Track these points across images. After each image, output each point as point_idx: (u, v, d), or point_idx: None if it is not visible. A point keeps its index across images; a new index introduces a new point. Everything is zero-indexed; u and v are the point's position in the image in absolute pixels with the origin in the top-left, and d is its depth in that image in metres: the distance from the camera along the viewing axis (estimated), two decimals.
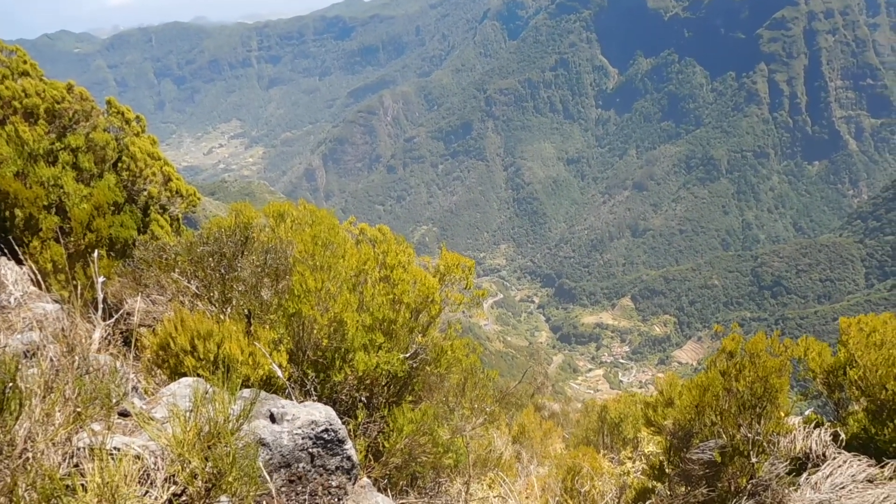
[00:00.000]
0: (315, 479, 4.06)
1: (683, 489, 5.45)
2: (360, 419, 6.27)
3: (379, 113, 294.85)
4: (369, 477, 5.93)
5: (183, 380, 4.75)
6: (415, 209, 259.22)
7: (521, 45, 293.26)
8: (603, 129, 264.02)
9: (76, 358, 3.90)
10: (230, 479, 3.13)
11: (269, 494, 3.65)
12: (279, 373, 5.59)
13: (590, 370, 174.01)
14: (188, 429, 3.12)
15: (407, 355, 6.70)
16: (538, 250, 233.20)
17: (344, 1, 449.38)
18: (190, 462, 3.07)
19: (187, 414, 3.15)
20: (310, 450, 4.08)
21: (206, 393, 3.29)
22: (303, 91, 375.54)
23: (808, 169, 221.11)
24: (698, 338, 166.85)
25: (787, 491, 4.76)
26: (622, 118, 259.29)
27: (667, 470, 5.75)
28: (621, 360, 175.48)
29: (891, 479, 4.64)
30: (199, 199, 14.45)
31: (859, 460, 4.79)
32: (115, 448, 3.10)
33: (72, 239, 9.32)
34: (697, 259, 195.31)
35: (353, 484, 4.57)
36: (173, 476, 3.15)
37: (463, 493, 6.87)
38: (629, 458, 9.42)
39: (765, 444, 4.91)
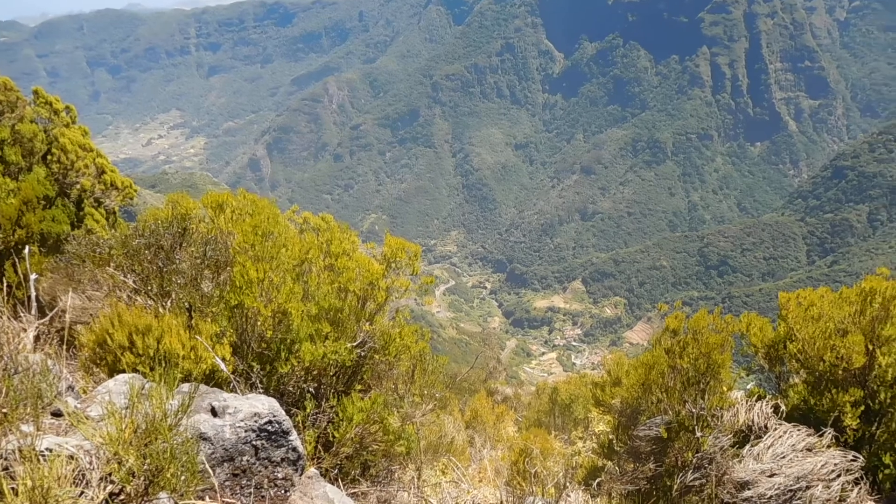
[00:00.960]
0: (260, 471, 4.02)
1: (632, 466, 5.51)
2: (308, 410, 6.15)
3: (324, 100, 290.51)
4: (320, 467, 5.83)
5: (119, 376, 4.58)
6: (363, 197, 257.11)
7: (466, 31, 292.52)
8: (550, 113, 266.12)
9: (4, 358, 3.91)
10: (168, 476, 3.08)
11: (212, 489, 3.57)
12: (222, 366, 5.43)
13: (543, 354, 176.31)
14: (124, 426, 3.06)
15: (354, 344, 6.59)
16: (489, 236, 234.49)
17: None
18: (127, 460, 3.02)
19: (123, 411, 3.09)
20: (253, 442, 4.02)
21: (143, 389, 3.23)
22: (244, 79, 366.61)
23: (751, 150, 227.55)
24: (648, 318, 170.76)
25: (731, 463, 4.86)
26: (569, 102, 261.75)
27: (616, 448, 5.82)
28: (574, 343, 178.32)
29: (828, 447, 4.78)
30: (135, 191, 13.96)
31: (799, 430, 4.92)
32: (46, 449, 3.03)
33: (0, 235, 8.86)
34: (646, 241, 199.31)
35: (300, 475, 4.48)
36: (109, 475, 3.08)
37: (415, 480, 6.84)
38: (580, 438, 9.54)
39: (709, 418, 5.00)
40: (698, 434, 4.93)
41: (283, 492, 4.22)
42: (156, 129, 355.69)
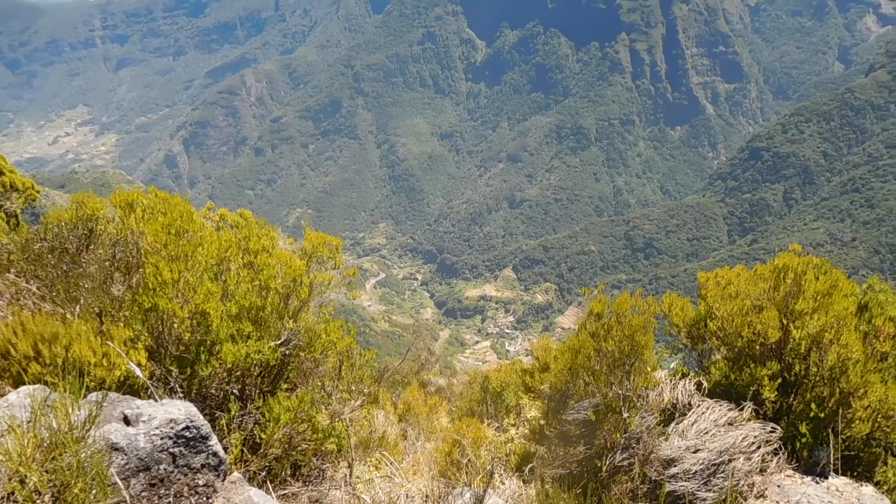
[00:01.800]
0: (179, 479, 3.90)
1: (563, 450, 5.56)
2: (233, 413, 5.92)
3: (241, 93, 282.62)
4: (248, 470, 5.63)
5: (21, 388, 4.52)
6: (287, 192, 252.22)
7: (386, 20, 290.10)
8: (474, 102, 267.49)
9: None
10: (77, 491, 2.92)
11: (125, 501, 3.43)
12: (137, 372, 5.15)
13: (477, 342, 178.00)
14: (26, 441, 2.90)
15: (279, 342, 6.40)
16: (418, 227, 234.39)
17: None
18: (30, 477, 2.85)
19: (25, 425, 2.93)
20: (171, 450, 3.91)
21: (48, 400, 3.07)
22: (156, 72, 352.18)
23: (671, 134, 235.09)
24: (579, 303, 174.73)
25: (657, 441, 4.96)
26: (493, 91, 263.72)
27: (546, 433, 5.85)
28: (507, 331, 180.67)
29: (749, 420, 4.94)
30: (37, 191, 13.13)
31: (720, 406, 5.06)
32: None
33: None
34: (574, 226, 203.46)
35: (223, 480, 4.33)
36: (12, 494, 2.90)
37: (347, 477, 6.72)
38: (512, 425, 9.62)
39: (635, 399, 5.08)
40: (625, 415, 5.00)
41: (204, 499, 4.08)
42: (62, 126, 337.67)
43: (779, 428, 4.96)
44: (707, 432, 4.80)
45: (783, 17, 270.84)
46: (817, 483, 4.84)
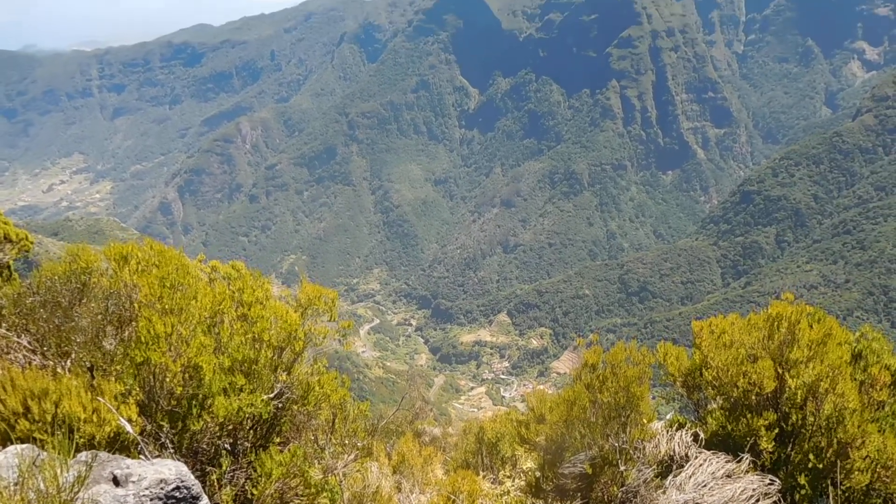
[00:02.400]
0: None
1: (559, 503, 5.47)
2: (224, 468, 5.83)
3: (237, 141, 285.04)
4: None
5: (9, 448, 4.49)
6: (281, 238, 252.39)
7: (380, 68, 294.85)
8: (468, 148, 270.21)
9: None
10: None
11: None
12: (128, 427, 5.07)
13: (472, 389, 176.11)
14: None
15: (271, 396, 6.33)
16: (412, 272, 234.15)
17: (192, 27, 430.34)
18: None
19: (12, 487, 2.80)
20: None
21: (37, 461, 2.96)
22: (152, 120, 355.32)
23: (663, 178, 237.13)
24: (574, 347, 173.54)
25: (654, 494, 4.89)
26: (486, 137, 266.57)
27: (543, 486, 5.77)
28: (502, 376, 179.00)
29: (747, 472, 4.88)
30: (31, 242, 13.10)
31: (718, 458, 5.01)
32: None
33: None
34: (568, 270, 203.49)
35: None
36: None
37: None
38: (508, 477, 9.46)
39: (631, 451, 5.03)
40: (622, 468, 4.94)
41: None
42: (57, 174, 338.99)
43: (777, 479, 4.91)
44: (705, 485, 4.74)
45: (770, 63, 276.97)
46: None
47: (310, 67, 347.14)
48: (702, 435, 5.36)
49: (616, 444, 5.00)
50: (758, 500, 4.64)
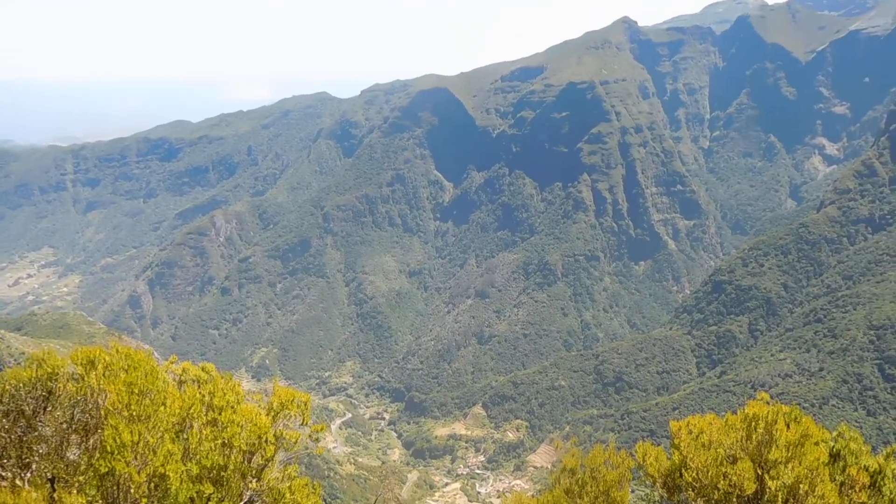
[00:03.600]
0: None
1: None
2: None
3: (210, 234, 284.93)
4: None
5: None
6: (253, 331, 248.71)
7: (356, 163, 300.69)
8: (442, 240, 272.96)
9: None
10: None
11: None
12: None
13: (447, 484, 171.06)
14: None
15: None
16: (385, 364, 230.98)
17: (169, 123, 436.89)
18: None
19: None
20: None
21: None
22: (125, 214, 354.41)
23: (636, 269, 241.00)
24: (551, 440, 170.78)
25: None
26: (460, 229, 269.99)
27: None
28: (477, 471, 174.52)
29: None
30: None
31: None
32: None
33: None
34: (543, 361, 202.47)
35: None
36: None
37: None
38: None
39: None
40: None
41: None
42: (25, 267, 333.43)
43: None
44: None
45: (735, 158, 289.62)
46: None
47: (286, 162, 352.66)
48: None
49: None
50: None
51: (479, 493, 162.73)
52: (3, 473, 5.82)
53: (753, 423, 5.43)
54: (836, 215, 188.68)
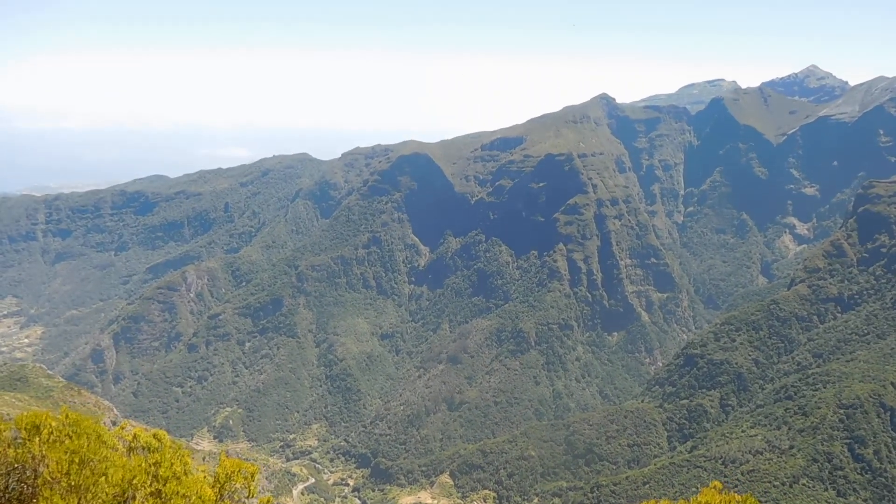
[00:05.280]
0: None
1: None
2: None
3: (181, 289, 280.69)
4: None
5: None
6: (218, 390, 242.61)
7: (333, 224, 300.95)
8: (416, 304, 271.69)
9: None
10: None
11: None
12: None
13: None
14: None
15: None
16: (353, 428, 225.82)
17: (147, 177, 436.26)
18: None
19: None
20: None
21: None
22: (95, 266, 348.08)
23: (609, 339, 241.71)
24: None
25: None
26: (434, 293, 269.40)
27: None
28: None
29: None
30: None
31: None
32: None
33: None
34: (513, 430, 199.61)
35: None
36: None
37: None
38: None
39: None
40: None
41: None
42: None
43: None
44: None
45: (708, 233, 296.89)
46: None
47: (263, 220, 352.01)
48: None
49: None
50: None
51: None
52: None
53: None
54: (806, 293, 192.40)
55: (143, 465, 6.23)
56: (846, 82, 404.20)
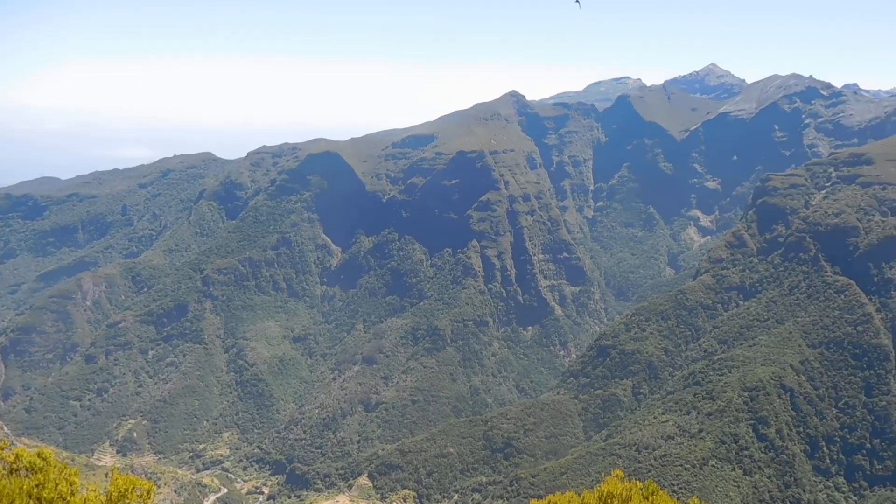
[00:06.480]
0: None
1: None
2: None
3: (76, 297, 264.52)
4: None
5: None
6: (120, 402, 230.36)
7: (240, 225, 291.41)
8: (329, 305, 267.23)
9: None
10: None
11: None
12: None
13: None
14: None
15: None
16: (266, 435, 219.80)
17: (36, 179, 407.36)
18: None
19: None
20: None
21: None
22: None
23: (524, 334, 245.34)
24: None
25: None
26: (348, 294, 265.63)
27: None
28: None
29: None
30: None
31: None
32: None
33: None
34: (432, 428, 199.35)
35: None
36: None
37: None
38: None
39: None
40: None
41: None
42: None
43: None
44: None
45: (617, 227, 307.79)
46: None
47: (164, 223, 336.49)
48: None
49: None
50: None
51: None
52: None
53: (609, 501, 5.46)
54: (710, 283, 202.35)
55: (25, 486, 5.65)
56: (744, 80, 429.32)
